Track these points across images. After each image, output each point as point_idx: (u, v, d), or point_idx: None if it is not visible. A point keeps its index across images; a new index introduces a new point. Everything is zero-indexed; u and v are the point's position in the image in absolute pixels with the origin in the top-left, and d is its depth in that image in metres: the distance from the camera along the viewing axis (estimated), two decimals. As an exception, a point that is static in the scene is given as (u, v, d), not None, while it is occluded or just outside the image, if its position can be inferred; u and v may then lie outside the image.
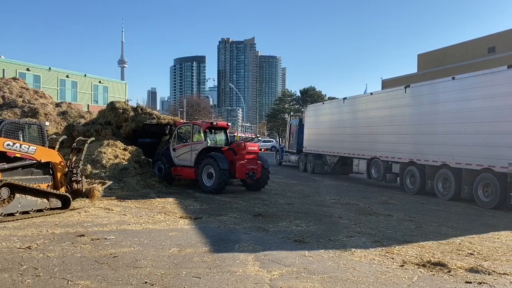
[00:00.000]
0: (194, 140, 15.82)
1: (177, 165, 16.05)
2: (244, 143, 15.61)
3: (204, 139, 15.57)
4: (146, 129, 18.13)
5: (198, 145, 15.54)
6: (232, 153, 15.16)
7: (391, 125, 18.07)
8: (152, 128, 18.20)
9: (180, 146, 16.19)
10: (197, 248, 7.45)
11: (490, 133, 13.15)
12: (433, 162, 15.55)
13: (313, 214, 11.29)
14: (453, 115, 14.69)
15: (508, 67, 12.92)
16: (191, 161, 15.53)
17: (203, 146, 15.43)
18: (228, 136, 16.97)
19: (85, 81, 46.98)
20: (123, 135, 18.14)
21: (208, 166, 14.68)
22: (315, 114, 26.31)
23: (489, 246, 8.40)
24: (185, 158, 15.81)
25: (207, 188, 14.68)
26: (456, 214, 12.15)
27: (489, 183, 13.27)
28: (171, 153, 16.31)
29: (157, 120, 18.65)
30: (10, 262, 6.46)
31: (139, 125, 18.16)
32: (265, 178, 15.76)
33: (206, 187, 14.71)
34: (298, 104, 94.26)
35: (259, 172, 15.30)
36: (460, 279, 6.24)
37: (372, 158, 19.30)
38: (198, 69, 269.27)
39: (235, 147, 15.32)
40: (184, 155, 15.91)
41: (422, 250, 7.83)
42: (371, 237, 8.79)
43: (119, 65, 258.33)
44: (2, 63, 38.70)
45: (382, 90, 27.36)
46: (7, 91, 24.92)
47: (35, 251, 7.09)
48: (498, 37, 32.25)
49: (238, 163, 14.84)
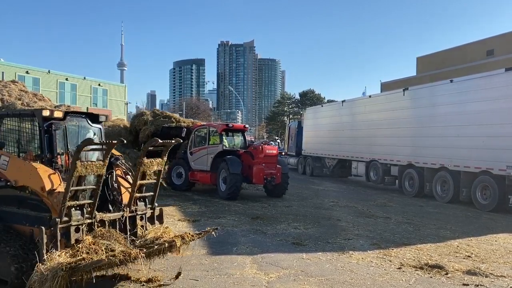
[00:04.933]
0: (210, 143, 15.21)
1: (194, 169, 15.41)
2: (262, 146, 15.00)
3: (220, 142, 14.93)
4: (164, 132, 17.59)
5: (214, 149, 14.90)
6: (250, 156, 14.43)
7: (390, 127, 18.09)
8: (171, 131, 17.51)
9: (196, 150, 15.48)
10: (195, 251, 7.46)
11: (488, 136, 13.18)
12: (431, 164, 15.57)
13: (311, 217, 11.30)
14: (451, 118, 14.71)
15: (506, 70, 12.97)
16: (207, 165, 14.82)
17: (218, 149, 14.72)
18: (246, 139, 16.24)
19: (84, 84, 47.01)
20: (142, 140, 17.80)
21: (223, 170, 14.04)
22: (314, 116, 26.34)
23: (486, 248, 8.42)
24: (202, 162, 15.11)
25: (221, 193, 14.14)
26: (454, 217, 12.17)
27: (487, 185, 13.29)
28: (188, 157, 15.62)
29: (176, 123, 18.31)
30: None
31: (158, 128, 17.77)
32: (284, 184, 14.79)
33: (221, 192, 14.12)
34: (297, 107, 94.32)
35: (279, 177, 14.33)
36: (458, 281, 6.25)
37: (371, 160, 19.32)
38: (197, 72, 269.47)
39: (253, 150, 14.61)
40: (200, 159, 15.19)
41: (419, 253, 7.85)
42: (369, 240, 8.81)
43: (119, 68, 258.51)
44: (1, 66, 38.71)
45: (381, 93, 27.44)
46: (6, 94, 24.88)
47: None
48: (496, 40, 32.31)
49: (256, 167, 14.01)
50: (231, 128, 15.72)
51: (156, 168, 6.01)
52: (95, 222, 5.44)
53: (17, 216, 5.71)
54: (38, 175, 5.36)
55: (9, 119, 6.34)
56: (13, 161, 5.79)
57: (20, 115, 6.38)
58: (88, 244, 5.07)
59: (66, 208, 5.05)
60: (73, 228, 5.17)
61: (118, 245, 5.23)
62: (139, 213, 6.09)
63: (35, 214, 5.51)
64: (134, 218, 6.00)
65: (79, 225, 5.24)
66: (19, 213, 5.69)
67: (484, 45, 33.12)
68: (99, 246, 5.08)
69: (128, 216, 5.90)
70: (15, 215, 5.73)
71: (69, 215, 5.13)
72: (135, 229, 5.96)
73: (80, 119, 6.44)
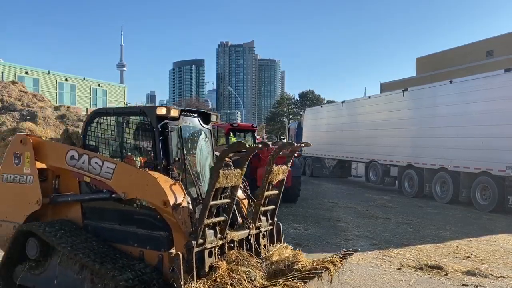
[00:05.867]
0: (219, 144, 14.35)
1: None
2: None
3: (226, 142, 14.26)
4: None
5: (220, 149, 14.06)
6: (256, 158, 13.25)
7: (389, 128, 18.11)
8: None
9: None
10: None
11: (487, 137, 13.19)
12: (431, 165, 15.58)
13: (311, 217, 11.31)
14: (450, 119, 14.73)
15: (505, 70, 13.00)
16: None
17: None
18: (255, 140, 15.42)
19: (84, 84, 46.98)
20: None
21: None
22: (313, 117, 26.36)
23: (486, 249, 8.43)
24: None
25: None
26: (454, 217, 12.18)
27: (486, 186, 13.31)
28: None
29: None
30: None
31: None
32: (296, 188, 13.66)
33: None
34: (297, 107, 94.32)
35: (289, 180, 12.65)
36: (457, 282, 6.26)
37: (371, 161, 19.34)
38: (197, 73, 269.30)
39: (260, 152, 13.53)
40: None
41: (419, 253, 7.86)
42: (369, 240, 8.82)
43: (118, 69, 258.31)
44: (1, 67, 38.71)
45: (380, 94, 27.45)
46: (6, 94, 24.93)
47: None
48: (496, 41, 32.33)
49: (261, 169, 12.78)
50: (236, 128, 15.17)
51: (281, 177, 5.26)
52: (226, 243, 4.52)
53: (120, 234, 4.74)
54: (159, 186, 4.27)
55: (105, 118, 5.11)
56: (121, 169, 4.61)
57: (124, 113, 5.24)
58: (225, 272, 4.14)
59: (203, 227, 4.14)
60: (207, 252, 4.25)
61: (257, 272, 4.31)
62: (262, 230, 5.16)
63: (147, 233, 4.55)
64: (258, 236, 5.11)
65: (213, 247, 4.33)
66: (124, 231, 4.73)
67: (484, 46, 33.14)
68: (240, 274, 4.12)
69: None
70: (118, 233, 4.77)
71: (204, 235, 4.19)
72: (259, 249, 5.03)
73: (193, 118, 5.33)
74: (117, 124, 5.14)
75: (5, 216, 5.32)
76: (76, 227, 4.96)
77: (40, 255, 4.81)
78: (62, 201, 5.11)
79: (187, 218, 4.20)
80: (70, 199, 5.08)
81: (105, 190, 4.70)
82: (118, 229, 4.77)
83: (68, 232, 4.78)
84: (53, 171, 5.22)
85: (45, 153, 5.17)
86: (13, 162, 5.25)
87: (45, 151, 5.17)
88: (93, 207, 5.00)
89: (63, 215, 5.15)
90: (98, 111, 5.29)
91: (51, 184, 5.23)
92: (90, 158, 4.75)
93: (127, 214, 4.73)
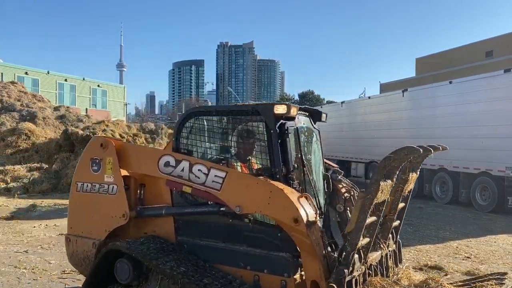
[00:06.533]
0: None
1: None
2: None
3: None
4: None
5: None
6: None
7: (389, 129, 18.10)
8: None
9: None
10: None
11: (487, 137, 13.18)
12: (430, 165, 15.56)
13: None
14: (450, 119, 14.72)
15: (504, 71, 12.99)
16: None
17: None
18: None
19: (83, 84, 46.95)
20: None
21: None
22: (313, 117, 26.37)
23: (486, 249, 8.42)
24: None
25: None
26: (454, 218, 12.18)
27: (486, 186, 13.30)
28: None
29: None
30: (7, 266, 6.47)
31: None
32: None
33: None
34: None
35: None
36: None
37: (370, 161, 19.33)
38: (196, 73, 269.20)
39: None
40: None
41: (419, 254, 7.85)
42: (368, 241, 8.80)
43: (118, 69, 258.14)
44: (0, 67, 38.71)
45: (380, 94, 27.45)
46: (5, 94, 24.94)
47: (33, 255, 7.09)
48: (495, 41, 32.36)
49: None
50: None
51: (411, 186, 4.51)
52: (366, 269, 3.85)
53: (227, 254, 3.97)
54: (288, 200, 3.48)
55: (204, 118, 4.29)
56: (234, 178, 3.83)
57: (230, 112, 4.38)
58: None
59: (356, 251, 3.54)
60: (354, 281, 3.57)
61: None
62: (390, 249, 4.43)
63: (264, 254, 3.77)
64: (386, 256, 4.37)
65: (358, 275, 3.66)
66: (232, 250, 3.95)
67: (483, 46, 33.17)
68: None
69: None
70: (223, 253, 3.99)
71: (353, 262, 3.53)
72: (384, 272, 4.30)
73: (306, 118, 4.59)
74: (220, 125, 4.33)
75: (80, 231, 4.57)
76: (172, 245, 4.18)
77: (134, 279, 4.02)
78: (154, 214, 4.33)
79: (319, 239, 3.51)
80: (165, 213, 4.24)
81: (211, 202, 3.93)
82: (223, 247, 3.99)
83: (167, 252, 4.02)
84: (136, 179, 4.45)
85: (130, 159, 4.41)
86: (91, 169, 4.49)
87: (129, 157, 4.41)
88: (188, 220, 4.20)
89: (149, 230, 4.37)
90: (195, 110, 4.50)
91: (135, 194, 4.45)
92: (192, 165, 3.95)
93: (235, 231, 3.95)
